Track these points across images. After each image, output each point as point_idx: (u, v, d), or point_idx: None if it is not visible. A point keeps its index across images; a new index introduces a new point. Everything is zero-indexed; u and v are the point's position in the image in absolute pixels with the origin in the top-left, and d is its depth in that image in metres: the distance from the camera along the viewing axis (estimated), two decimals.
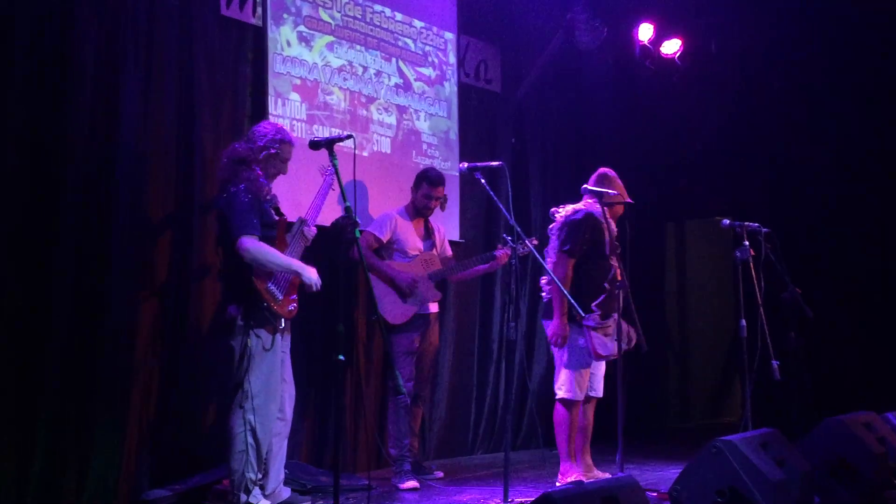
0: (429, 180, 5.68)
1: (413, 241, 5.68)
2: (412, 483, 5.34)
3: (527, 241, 5.02)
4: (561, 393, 5.19)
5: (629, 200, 5.44)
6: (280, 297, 4.46)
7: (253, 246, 4.32)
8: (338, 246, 5.51)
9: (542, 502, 3.28)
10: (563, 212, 5.37)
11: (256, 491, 4.39)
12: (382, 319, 4.07)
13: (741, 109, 8.34)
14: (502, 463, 4.45)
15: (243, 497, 4.32)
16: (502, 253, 5.51)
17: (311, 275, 4.50)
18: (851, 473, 4.73)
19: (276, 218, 4.57)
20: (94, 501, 4.55)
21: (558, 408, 5.21)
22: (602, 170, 5.53)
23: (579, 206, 5.36)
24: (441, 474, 5.73)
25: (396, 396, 5.27)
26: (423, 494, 5.22)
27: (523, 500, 4.58)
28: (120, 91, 4.83)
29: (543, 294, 5.31)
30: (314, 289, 4.52)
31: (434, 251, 5.77)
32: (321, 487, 5.10)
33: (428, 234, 5.78)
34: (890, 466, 4.93)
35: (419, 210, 5.72)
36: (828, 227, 7.75)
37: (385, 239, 5.61)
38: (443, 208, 5.85)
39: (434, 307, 5.74)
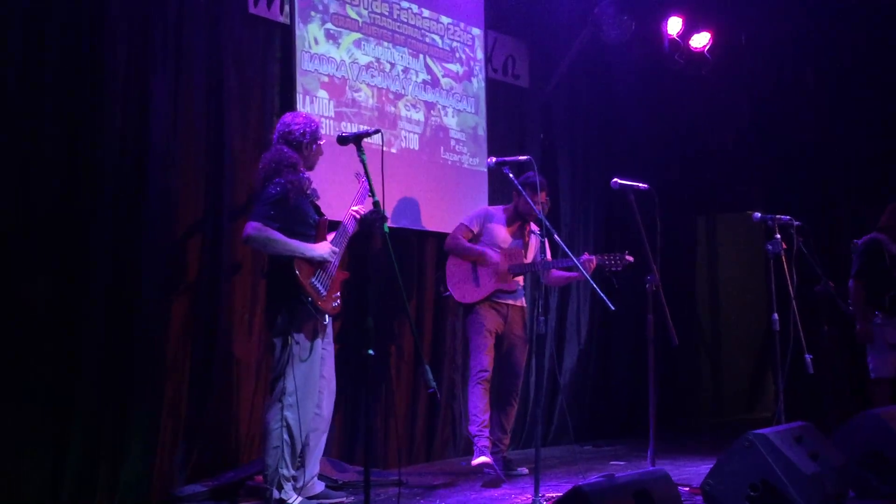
0: (531, 188, 5.44)
1: (502, 237, 5.66)
2: (483, 459, 5.34)
3: (624, 258, 5.38)
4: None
5: None
6: (324, 293, 4.46)
7: (255, 231, 4.30)
8: (368, 241, 5.55)
9: (574, 495, 3.28)
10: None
11: (289, 487, 4.39)
12: (453, 299, 4.10)
13: (772, 102, 8.28)
14: (533, 459, 4.43)
15: (276, 493, 4.34)
16: (588, 261, 5.42)
17: (320, 251, 4.46)
18: (888, 467, 4.68)
19: (317, 218, 4.57)
20: (128, 496, 4.60)
21: None
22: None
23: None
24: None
25: (428, 390, 5.27)
26: (455, 490, 5.22)
27: (554, 495, 4.56)
28: (150, 91, 4.88)
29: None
30: (329, 259, 4.50)
31: (522, 252, 5.68)
32: (352, 483, 5.11)
33: (521, 235, 5.72)
34: None
35: (521, 215, 5.69)
36: (860, 219, 7.65)
37: (475, 230, 5.68)
38: (545, 211, 5.62)
39: (517, 300, 5.62)
